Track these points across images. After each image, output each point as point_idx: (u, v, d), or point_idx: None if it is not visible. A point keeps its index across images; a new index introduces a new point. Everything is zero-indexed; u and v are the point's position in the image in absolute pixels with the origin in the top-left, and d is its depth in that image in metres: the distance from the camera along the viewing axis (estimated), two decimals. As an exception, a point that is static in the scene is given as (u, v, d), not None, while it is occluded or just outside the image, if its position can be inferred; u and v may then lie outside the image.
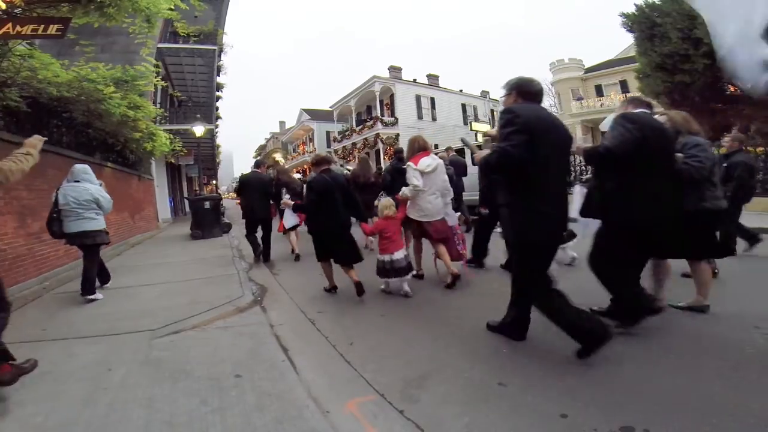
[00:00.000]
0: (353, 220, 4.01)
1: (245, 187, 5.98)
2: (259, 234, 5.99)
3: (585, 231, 3.17)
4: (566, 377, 2.01)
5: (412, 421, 1.74)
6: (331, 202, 3.70)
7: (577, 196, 3.01)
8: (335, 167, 4.77)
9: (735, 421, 1.58)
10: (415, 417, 1.77)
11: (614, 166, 2.35)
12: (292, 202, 4.89)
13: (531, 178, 2.16)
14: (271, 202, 6.21)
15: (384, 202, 3.96)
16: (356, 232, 3.95)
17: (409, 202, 3.88)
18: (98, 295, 3.96)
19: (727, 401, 1.71)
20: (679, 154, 2.62)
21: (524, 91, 2.34)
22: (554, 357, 2.25)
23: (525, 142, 2.07)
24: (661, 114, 2.96)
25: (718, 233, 3.15)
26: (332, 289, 3.95)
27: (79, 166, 4.05)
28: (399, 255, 3.61)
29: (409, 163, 3.88)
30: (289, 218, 6.13)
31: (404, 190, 3.88)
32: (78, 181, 3.93)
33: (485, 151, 2.35)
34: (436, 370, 2.18)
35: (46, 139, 2.58)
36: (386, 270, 3.63)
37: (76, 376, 2.26)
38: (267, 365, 2.29)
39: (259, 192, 5.92)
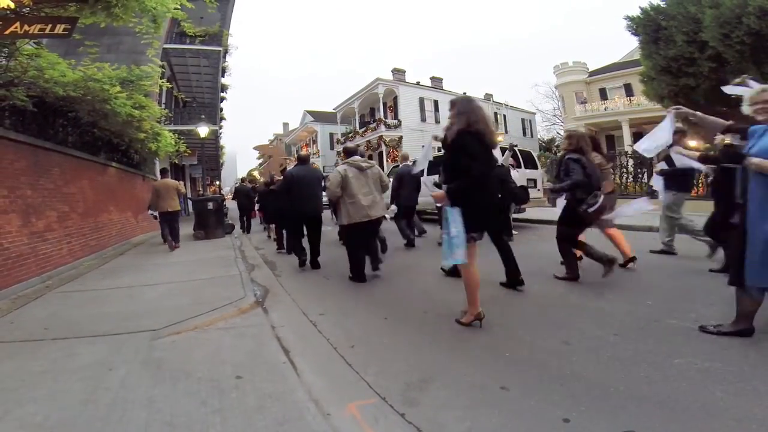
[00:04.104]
0: None
1: (238, 192, 11.38)
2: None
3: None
4: (569, 382, 1.99)
5: (414, 424, 1.73)
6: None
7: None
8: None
9: (739, 428, 1.55)
10: (416, 421, 1.75)
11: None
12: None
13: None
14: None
15: None
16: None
17: None
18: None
19: (728, 406, 1.69)
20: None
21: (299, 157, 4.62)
22: (556, 361, 2.23)
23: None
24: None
25: None
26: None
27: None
28: None
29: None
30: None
31: None
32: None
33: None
34: (437, 374, 2.16)
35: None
36: None
37: (77, 375, 2.25)
38: (268, 367, 2.28)
39: (245, 195, 10.76)
